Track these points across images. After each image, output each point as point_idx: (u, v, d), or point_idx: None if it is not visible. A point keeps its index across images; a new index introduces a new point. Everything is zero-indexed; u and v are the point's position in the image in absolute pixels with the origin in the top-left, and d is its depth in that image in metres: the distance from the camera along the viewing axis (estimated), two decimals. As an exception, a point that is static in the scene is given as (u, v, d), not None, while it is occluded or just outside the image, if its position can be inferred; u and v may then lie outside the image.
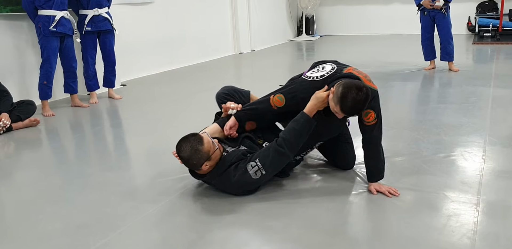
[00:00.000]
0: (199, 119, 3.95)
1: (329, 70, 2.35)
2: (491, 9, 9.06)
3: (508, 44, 7.73)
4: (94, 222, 2.18)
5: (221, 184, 2.38)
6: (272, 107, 2.43)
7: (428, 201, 2.26)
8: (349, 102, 2.10)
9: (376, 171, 2.39)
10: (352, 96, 2.09)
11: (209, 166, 2.32)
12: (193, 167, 2.34)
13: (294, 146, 2.29)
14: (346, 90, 2.11)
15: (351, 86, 2.12)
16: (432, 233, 1.96)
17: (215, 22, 7.66)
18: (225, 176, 2.32)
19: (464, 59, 6.85)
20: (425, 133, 3.25)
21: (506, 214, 2.12)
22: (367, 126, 2.31)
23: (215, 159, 2.32)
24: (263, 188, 2.45)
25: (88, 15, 4.46)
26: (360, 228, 2.07)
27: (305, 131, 2.28)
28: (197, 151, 2.25)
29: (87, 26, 4.47)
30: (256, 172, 2.27)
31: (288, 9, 10.09)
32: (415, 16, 6.24)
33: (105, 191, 2.54)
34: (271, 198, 2.36)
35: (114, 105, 4.65)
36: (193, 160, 2.26)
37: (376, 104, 2.29)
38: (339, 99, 2.12)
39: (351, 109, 2.14)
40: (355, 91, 2.10)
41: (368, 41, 9.11)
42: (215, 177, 2.36)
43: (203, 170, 2.33)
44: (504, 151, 2.87)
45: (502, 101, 4.07)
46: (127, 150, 3.38)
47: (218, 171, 2.34)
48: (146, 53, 6.16)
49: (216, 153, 2.32)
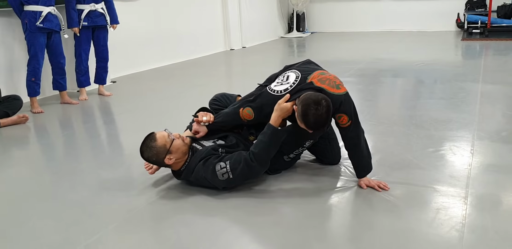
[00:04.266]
0: (189, 115, 3.94)
1: (292, 82, 2.34)
2: (479, 6, 9.13)
3: (496, 41, 7.80)
4: (85, 218, 2.17)
5: (198, 180, 2.39)
6: (242, 120, 2.47)
7: (417, 195, 2.29)
8: (311, 119, 2.11)
9: (361, 167, 2.40)
10: (312, 113, 2.10)
11: (175, 159, 2.34)
12: (159, 164, 2.40)
13: (263, 158, 2.28)
14: (305, 108, 2.11)
15: (309, 103, 2.11)
16: (421, 226, 1.99)
17: (205, 18, 7.64)
18: (196, 172, 2.35)
19: (453, 55, 6.91)
20: (415, 128, 3.28)
21: (494, 207, 2.15)
22: (342, 128, 2.33)
23: (178, 150, 2.34)
24: (251, 185, 2.46)
25: (84, 10, 4.44)
26: (350, 222, 2.08)
27: (273, 142, 2.28)
28: (152, 148, 2.32)
29: (83, 21, 4.44)
30: (224, 174, 2.27)
31: (279, 5, 10.08)
32: (405, 13, 6.26)
33: (96, 188, 2.53)
34: (259, 195, 2.37)
35: (104, 102, 4.62)
36: (152, 157, 2.34)
37: (347, 108, 2.28)
38: (302, 118, 2.14)
39: (315, 124, 2.14)
40: (314, 107, 2.10)
41: (359, 38, 9.14)
42: (189, 175, 2.38)
43: (172, 165, 2.38)
44: (492, 145, 2.91)
45: (490, 97, 4.11)
46: (118, 146, 3.37)
47: (190, 167, 2.37)
48: (136, 50, 6.13)
49: (176, 144, 2.34)
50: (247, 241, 1.97)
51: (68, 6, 4.37)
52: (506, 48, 7.14)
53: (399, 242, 1.88)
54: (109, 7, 4.64)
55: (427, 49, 7.33)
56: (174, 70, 6.31)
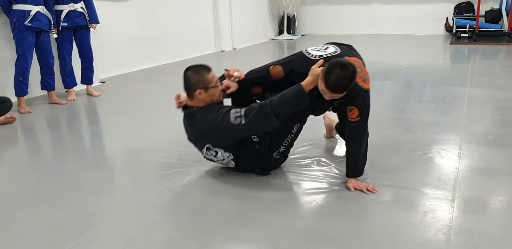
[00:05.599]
0: (178, 117, 3.92)
1: (330, 53, 2.37)
2: (468, 10, 9.22)
3: (484, 45, 7.88)
4: (71, 220, 2.15)
5: (201, 122, 2.36)
6: (271, 77, 2.47)
7: (405, 198, 2.30)
8: (333, 78, 2.11)
9: (353, 167, 2.40)
10: (336, 72, 2.10)
11: (202, 98, 2.37)
12: (189, 88, 2.38)
13: (278, 111, 2.24)
14: (331, 66, 2.13)
15: (337, 63, 2.14)
16: (408, 229, 1.99)
17: (196, 19, 7.63)
18: (209, 115, 2.34)
19: (441, 59, 6.97)
20: (403, 131, 3.29)
21: (481, 210, 2.16)
22: (350, 121, 2.32)
23: (211, 95, 2.38)
24: (244, 186, 2.46)
25: (63, 10, 4.39)
26: (337, 224, 2.08)
27: (294, 101, 2.24)
28: (200, 74, 2.36)
29: (63, 21, 4.39)
30: (236, 118, 2.27)
31: (270, 8, 10.10)
32: (394, 16, 6.30)
33: (83, 189, 2.51)
34: (253, 196, 2.37)
35: (92, 103, 4.59)
36: (193, 79, 2.36)
37: (361, 103, 2.29)
38: (324, 75, 2.14)
39: (335, 84, 2.12)
40: (340, 67, 2.11)
41: (348, 41, 9.08)
42: (200, 112, 2.38)
43: (194, 100, 2.39)
44: (479, 149, 2.93)
45: (478, 100, 4.15)
46: (106, 147, 3.35)
47: (205, 107, 2.39)
48: (126, 50, 6.10)
49: (216, 90, 2.39)
50: (239, 242, 1.96)
51: (46, 7, 4.25)
52: (493, 52, 7.22)
53: (386, 244, 1.89)
54: (88, 6, 4.57)
55: (416, 53, 7.38)
56: (164, 71, 6.28)
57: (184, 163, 2.81)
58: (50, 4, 4.29)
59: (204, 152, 2.52)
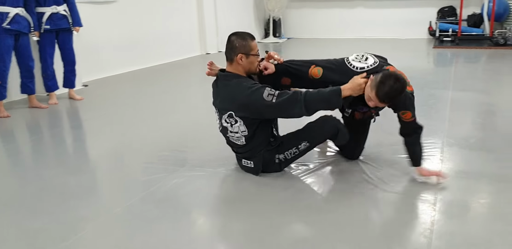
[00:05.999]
0: (162, 121, 3.91)
1: (370, 64, 2.46)
2: (450, 14, 9.34)
3: (466, 49, 7.98)
4: (53, 225, 2.12)
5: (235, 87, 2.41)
6: (308, 75, 2.52)
7: (387, 201, 2.30)
8: (386, 88, 2.21)
9: (418, 157, 2.53)
10: (389, 83, 2.21)
11: (242, 65, 2.43)
12: (231, 51, 2.44)
13: (310, 102, 2.30)
14: (385, 77, 2.24)
15: (391, 75, 2.26)
16: (390, 232, 2.00)
17: (181, 22, 7.60)
18: (245, 83, 2.40)
19: (425, 63, 7.04)
20: (385, 134, 3.30)
21: (462, 213, 2.18)
22: (405, 122, 2.49)
23: (251, 62, 2.45)
24: (229, 189, 2.44)
25: (45, 12, 4.32)
26: (314, 226, 2.07)
27: (328, 98, 2.31)
28: (245, 39, 2.44)
29: (45, 24, 4.33)
30: (269, 95, 2.31)
31: (255, 11, 10.11)
32: (379, 20, 6.35)
33: (65, 194, 2.47)
34: (237, 200, 2.35)
35: (74, 107, 4.53)
36: (237, 43, 2.43)
37: (411, 105, 2.45)
38: (377, 84, 2.23)
39: (385, 95, 2.23)
40: (394, 79, 2.23)
41: (334, 44, 9.23)
42: (237, 77, 2.43)
43: (233, 64, 2.45)
44: (461, 152, 2.96)
45: (460, 104, 4.19)
46: (88, 152, 3.30)
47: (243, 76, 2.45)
48: (109, 53, 6.04)
49: (255, 57, 2.46)
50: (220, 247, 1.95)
51: (27, 9, 4.18)
52: (475, 56, 7.31)
53: (367, 247, 1.88)
54: (71, 9, 4.50)
55: (400, 56, 7.42)
56: (148, 74, 6.24)
57: (168, 167, 2.79)
58: (31, 6, 4.22)
59: (223, 118, 2.51)
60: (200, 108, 4.54)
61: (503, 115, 3.95)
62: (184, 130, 3.62)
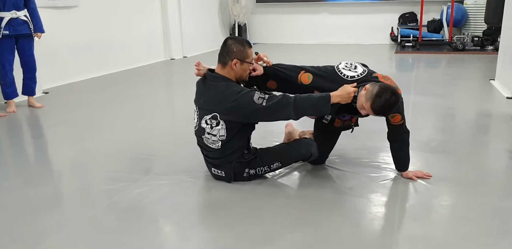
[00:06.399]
0: (125, 128, 3.84)
1: (360, 73, 2.48)
2: (411, 20, 9.60)
3: (427, 54, 8.21)
4: (9, 240, 2.04)
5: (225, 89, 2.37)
6: (297, 79, 2.53)
7: (351, 205, 2.33)
8: (381, 102, 2.25)
9: (406, 161, 2.62)
10: (385, 98, 2.25)
11: (234, 70, 2.42)
12: (227, 55, 2.43)
13: (299, 106, 2.32)
14: (382, 91, 2.26)
15: (387, 88, 2.28)
16: (354, 236, 2.01)
17: (144, 27, 7.51)
18: (235, 86, 2.39)
19: (387, 67, 7.18)
20: (349, 139, 3.34)
21: (424, 216, 2.22)
22: (394, 125, 2.53)
23: (243, 69, 2.45)
24: (194, 198, 2.41)
25: (4, 17, 4.19)
26: (282, 232, 2.08)
27: (318, 103, 2.32)
28: (243, 45, 2.44)
29: (4, 29, 4.19)
30: (259, 98, 2.31)
31: (221, 16, 10.11)
32: (342, 26, 6.45)
33: (23, 207, 2.38)
34: (198, 208, 2.32)
35: (34, 115, 4.40)
36: (235, 47, 2.42)
37: (401, 109, 2.48)
38: (373, 97, 2.26)
39: (380, 108, 2.28)
40: (390, 93, 2.26)
41: (299, 50, 9.32)
42: (227, 80, 2.42)
43: (225, 69, 2.43)
44: (423, 156, 3.02)
45: (422, 108, 4.29)
46: (49, 161, 3.21)
47: (232, 81, 2.43)
48: (71, 59, 5.91)
49: (248, 65, 2.46)
50: None
51: None
52: (436, 61, 7.53)
53: (334, 254, 1.90)
54: (32, 14, 4.39)
55: (363, 62, 7.56)
56: (111, 80, 6.13)
57: (131, 176, 2.74)
58: None
59: (204, 119, 2.46)
60: (164, 115, 4.49)
61: (462, 118, 4.07)
62: (148, 137, 3.57)
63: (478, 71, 6.36)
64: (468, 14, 9.03)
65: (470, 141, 3.39)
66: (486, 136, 3.62)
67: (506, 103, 4.44)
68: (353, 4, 9.97)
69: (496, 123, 3.83)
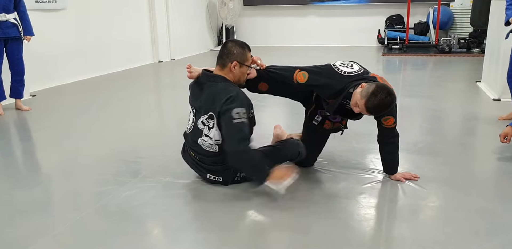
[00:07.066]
0: (113, 131, 3.82)
1: (357, 70, 2.48)
2: (398, 22, 9.69)
3: (413, 56, 8.29)
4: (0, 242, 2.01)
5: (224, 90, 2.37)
6: (292, 80, 2.51)
7: (339, 207, 2.34)
8: (376, 101, 2.24)
9: (395, 164, 2.64)
10: (381, 97, 2.24)
11: (233, 73, 2.43)
12: (227, 57, 2.42)
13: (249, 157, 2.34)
14: (378, 89, 2.25)
15: (384, 88, 2.28)
16: (343, 237, 2.02)
17: (132, 30, 7.49)
18: (229, 87, 2.38)
19: (375, 70, 7.21)
20: (337, 141, 3.36)
21: (413, 217, 2.24)
22: (386, 128, 2.53)
23: (242, 72, 2.46)
24: (181, 201, 2.41)
25: None
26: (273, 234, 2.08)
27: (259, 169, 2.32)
28: (243, 48, 2.44)
29: None
30: (238, 113, 2.30)
31: (208, 18, 10.12)
32: (330, 29, 6.48)
33: (9, 210, 2.36)
34: (185, 211, 2.32)
35: (22, 117, 4.35)
36: (235, 50, 2.42)
37: (395, 111, 2.49)
38: (368, 95, 2.25)
39: (374, 107, 2.26)
40: (385, 93, 2.25)
41: (287, 52, 9.36)
42: (227, 81, 2.42)
43: (224, 70, 2.43)
44: (410, 157, 3.05)
45: (409, 110, 4.33)
46: (34, 165, 3.17)
47: (230, 82, 2.43)
48: (59, 62, 5.86)
49: (247, 69, 2.47)
50: None
51: None
52: (422, 63, 7.60)
53: (324, 255, 1.91)
54: (22, 17, 4.35)
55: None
56: (99, 83, 6.09)
57: (119, 179, 2.72)
58: None
59: (201, 119, 2.44)
60: (152, 117, 4.47)
61: (449, 120, 4.11)
62: (136, 140, 3.55)
63: (465, 73, 6.43)
64: (454, 17, 9.14)
65: (457, 142, 3.42)
66: (473, 137, 3.66)
67: (492, 105, 4.50)
68: (340, 7, 10.04)
69: (482, 125, 3.87)
